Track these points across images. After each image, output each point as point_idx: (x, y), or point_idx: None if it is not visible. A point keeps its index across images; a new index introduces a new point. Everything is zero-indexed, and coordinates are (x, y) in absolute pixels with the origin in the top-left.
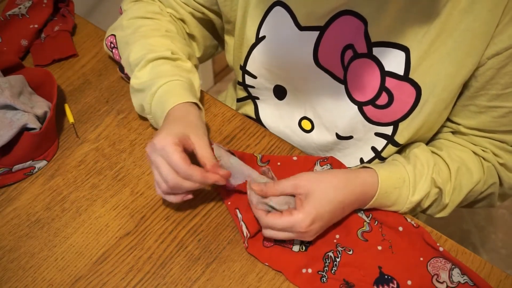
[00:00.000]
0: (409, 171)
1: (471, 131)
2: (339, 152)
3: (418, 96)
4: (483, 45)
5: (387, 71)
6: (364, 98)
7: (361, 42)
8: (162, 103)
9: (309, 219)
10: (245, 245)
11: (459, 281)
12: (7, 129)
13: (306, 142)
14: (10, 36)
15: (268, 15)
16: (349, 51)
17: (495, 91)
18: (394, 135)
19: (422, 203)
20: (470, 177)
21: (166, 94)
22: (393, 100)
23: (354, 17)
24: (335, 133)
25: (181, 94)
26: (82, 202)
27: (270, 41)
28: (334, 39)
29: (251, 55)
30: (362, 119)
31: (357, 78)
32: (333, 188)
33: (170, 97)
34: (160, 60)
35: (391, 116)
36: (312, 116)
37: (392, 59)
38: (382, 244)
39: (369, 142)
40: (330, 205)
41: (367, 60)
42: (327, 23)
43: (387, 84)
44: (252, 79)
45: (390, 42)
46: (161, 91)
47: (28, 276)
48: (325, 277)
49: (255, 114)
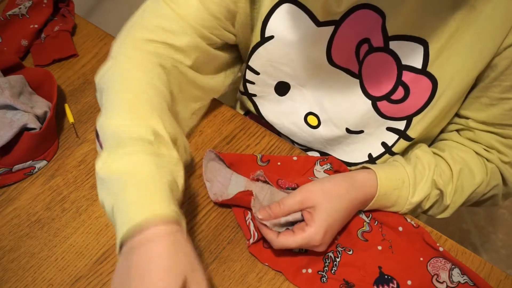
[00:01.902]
0: (409, 172)
1: (479, 125)
2: (347, 147)
3: (434, 90)
4: (503, 35)
5: (404, 65)
6: (380, 93)
7: (378, 36)
8: (127, 216)
9: (322, 232)
10: (248, 242)
11: (459, 281)
12: (7, 129)
13: (314, 137)
14: (10, 36)
15: (275, 12)
16: (365, 45)
17: (509, 82)
18: (407, 130)
19: (423, 204)
20: (472, 179)
21: (134, 205)
22: (409, 94)
23: (372, 11)
24: (344, 128)
25: (158, 205)
26: (82, 202)
27: (283, 40)
28: (349, 33)
29: (255, 52)
30: (375, 114)
31: (373, 72)
32: (338, 197)
33: (138, 207)
34: (138, 146)
35: (405, 110)
36: (318, 112)
37: (410, 52)
38: (382, 244)
39: (380, 137)
40: (338, 214)
41: (383, 54)
42: (342, 17)
43: (404, 78)
44: (254, 75)
45: (408, 36)
46: (129, 199)
47: (28, 276)
48: (325, 277)
49: (256, 110)
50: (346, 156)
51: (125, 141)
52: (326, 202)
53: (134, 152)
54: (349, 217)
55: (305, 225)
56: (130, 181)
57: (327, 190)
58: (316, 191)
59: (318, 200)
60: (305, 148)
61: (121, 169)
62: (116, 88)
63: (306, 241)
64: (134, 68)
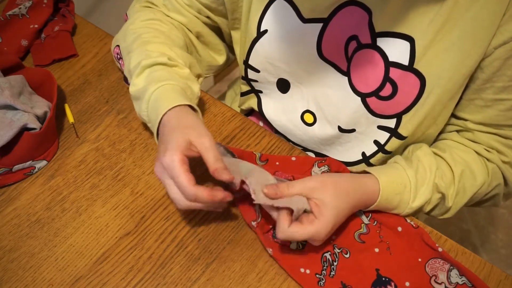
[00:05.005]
0: (411, 176)
1: (477, 126)
2: (341, 146)
3: (422, 87)
4: (490, 35)
5: (391, 62)
6: (368, 89)
7: (365, 32)
8: (155, 110)
9: (330, 228)
10: (256, 223)
11: (457, 282)
12: (7, 129)
13: (308, 136)
14: (10, 36)
15: (269, 8)
16: (353, 42)
17: (501, 83)
18: (398, 128)
19: (424, 208)
20: (474, 180)
21: (157, 101)
22: (397, 91)
23: (358, 7)
24: (337, 126)
25: (173, 98)
26: (82, 202)
27: (273, 35)
28: (338, 30)
29: (253, 49)
30: (365, 111)
31: (361, 69)
32: (346, 195)
33: (161, 103)
34: (156, 66)
35: (394, 107)
36: (314, 109)
37: (397, 49)
38: (379, 246)
39: (372, 135)
40: (343, 213)
41: (370, 50)
42: (330, 15)
43: (391, 75)
44: (255, 73)
45: (394, 32)
46: (153, 98)
47: (28, 276)
48: (322, 280)
49: (258, 107)
50: (340, 156)
51: (144, 66)
52: (336, 199)
53: (154, 71)
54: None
55: (314, 218)
56: (152, 87)
57: (339, 186)
58: (329, 184)
59: (328, 194)
60: (301, 148)
61: (146, 83)
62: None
63: (312, 234)
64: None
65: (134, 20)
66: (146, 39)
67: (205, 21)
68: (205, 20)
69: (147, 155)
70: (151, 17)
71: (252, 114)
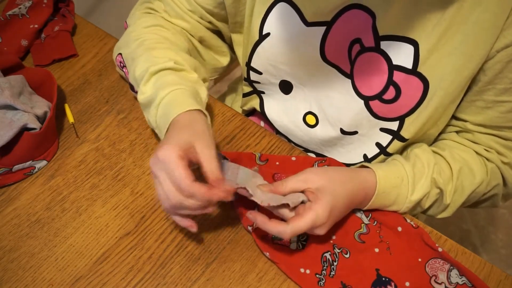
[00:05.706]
0: (408, 170)
1: (477, 127)
2: (342, 148)
3: (425, 90)
4: (492, 38)
5: (395, 65)
6: (371, 93)
7: (369, 36)
8: (165, 115)
9: (328, 210)
10: (252, 228)
11: (457, 282)
12: (7, 129)
13: (309, 137)
14: (10, 36)
15: (272, 11)
16: (357, 45)
17: (503, 85)
18: (400, 130)
19: (422, 203)
20: (472, 178)
21: (169, 105)
22: (400, 94)
23: (362, 11)
24: (339, 128)
25: (185, 102)
26: (82, 202)
27: (276, 38)
28: (342, 33)
29: (255, 52)
30: (368, 114)
31: (364, 72)
32: (341, 183)
33: (173, 108)
34: (163, 71)
35: (397, 111)
36: (317, 111)
37: (401, 52)
38: (379, 246)
39: (374, 137)
40: (341, 200)
41: (374, 54)
42: (334, 18)
43: (395, 78)
44: (257, 75)
45: (398, 36)
46: (164, 102)
47: (28, 276)
48: (322, 281)
49: (260, 108)
50: (341, 157)
51: (152, 72)
52: (330, 185)
53: (162, 76)
54: (348, 210)
55: (310, 204)
56: (162, 93)
57: (331, 175)
58: (321, 174)
59: (322, 181)
60: (302, 149)
61: (155, 89)
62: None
63: (313, 220)
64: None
65: (136, 26)
66: (151, 45)
67: (207, 26)
68: (207, 25)
69: (147, 155)
70: (153, 23)
71: (254, 114)
